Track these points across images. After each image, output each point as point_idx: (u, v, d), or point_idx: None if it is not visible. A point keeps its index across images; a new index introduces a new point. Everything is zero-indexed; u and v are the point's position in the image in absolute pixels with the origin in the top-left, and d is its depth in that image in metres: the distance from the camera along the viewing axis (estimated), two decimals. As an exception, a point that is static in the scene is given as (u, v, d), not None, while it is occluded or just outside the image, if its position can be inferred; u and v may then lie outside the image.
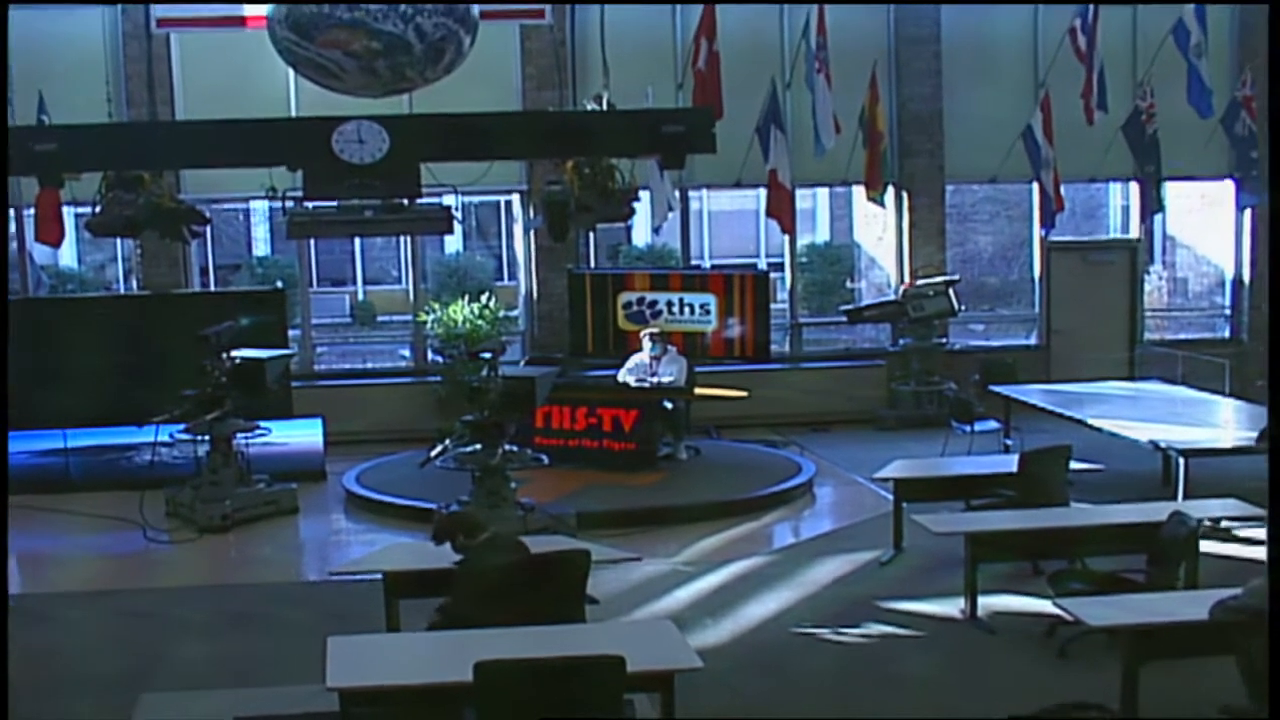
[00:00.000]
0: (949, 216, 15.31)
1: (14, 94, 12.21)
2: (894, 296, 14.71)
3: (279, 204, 9.54)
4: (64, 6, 13.26)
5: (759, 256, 21.49)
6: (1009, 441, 11.93)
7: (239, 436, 10.75)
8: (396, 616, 7.04)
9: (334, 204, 9.44)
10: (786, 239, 14.97)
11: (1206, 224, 16.53)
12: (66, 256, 19.75)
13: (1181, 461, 9.45)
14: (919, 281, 14.44)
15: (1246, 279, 15.43)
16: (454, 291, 16.26)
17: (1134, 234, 15.67)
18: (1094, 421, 10.68)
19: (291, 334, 13.53)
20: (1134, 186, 15.12)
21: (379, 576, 7.17)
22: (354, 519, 10.86)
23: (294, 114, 13.11)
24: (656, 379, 12.05)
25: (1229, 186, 15.00)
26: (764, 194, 14.21)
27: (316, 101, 11.12)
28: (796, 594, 8.52)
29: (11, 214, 13.44)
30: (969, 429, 12.19)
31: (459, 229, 16.63)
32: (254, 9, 12.08)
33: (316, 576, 9.37)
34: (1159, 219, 15.84)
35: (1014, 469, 9.04)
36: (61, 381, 11.72)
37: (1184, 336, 15.65)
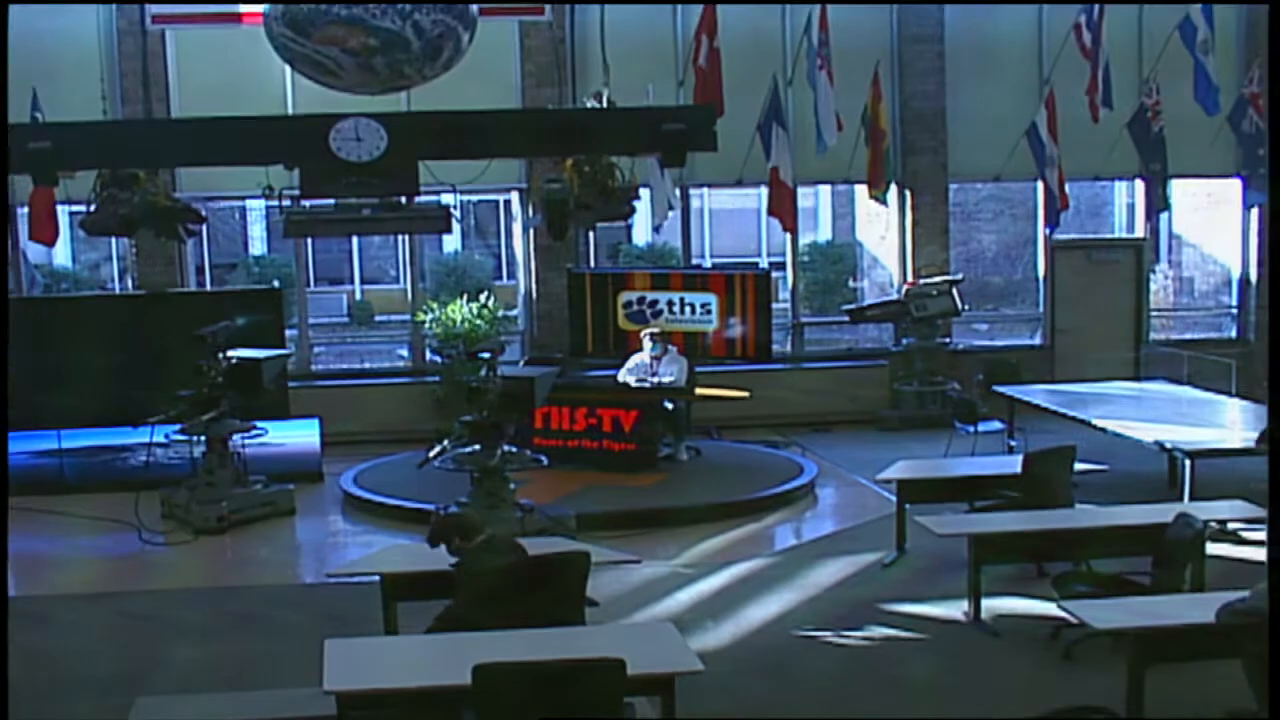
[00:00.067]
0: (952, 215, 15.27)
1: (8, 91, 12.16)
2: (897, 296, 14.68)
3: (276, 202, 9.48)
4: (58, 4, 13.17)
5: (760, 255, 21.50)
6: (1013, 442, 11.91)
7: (235, 437, 10.71)
8: (394, 619, 7.02)
9: (331, 202, 9.40)
10: (788, 238, 14.95)
11: (1213, 222, 16.50)
12: (61, 255, 19.75)
13: (1187, 462, 9.45)
14: (922, 281, 14.42)
15: (1253, 278, 15.38)
16: (452, 291, 16.29)
17: (1139, 233, 15.64)
18: (1099, 422, 10.65)
19: (288, 334, 13.55)
20: (1139, 184, 15.13)
21: (377, 578, 7.15)
22: (351, 520, 10.84)
23: (291, 111, 13.07)
24: (657, 379, 12.03)
25: (1236, 184, 15.00)
26: (765, 192, 14.20)
27: (314, 99, 11.09)
28: (798, 596, 8.51)
29: (5, 213, 13.40)
30: (972, 430, 12.26)
31: (457, 228, 16.59)
32: (250, 5, 12.04)
33: (313, 578, 9.38)
34: (1165, 217, 15.79)
35: (1018, 470, 9.03)
36: (56, 382, 11.70)
37: (1190, 336, 15.64)
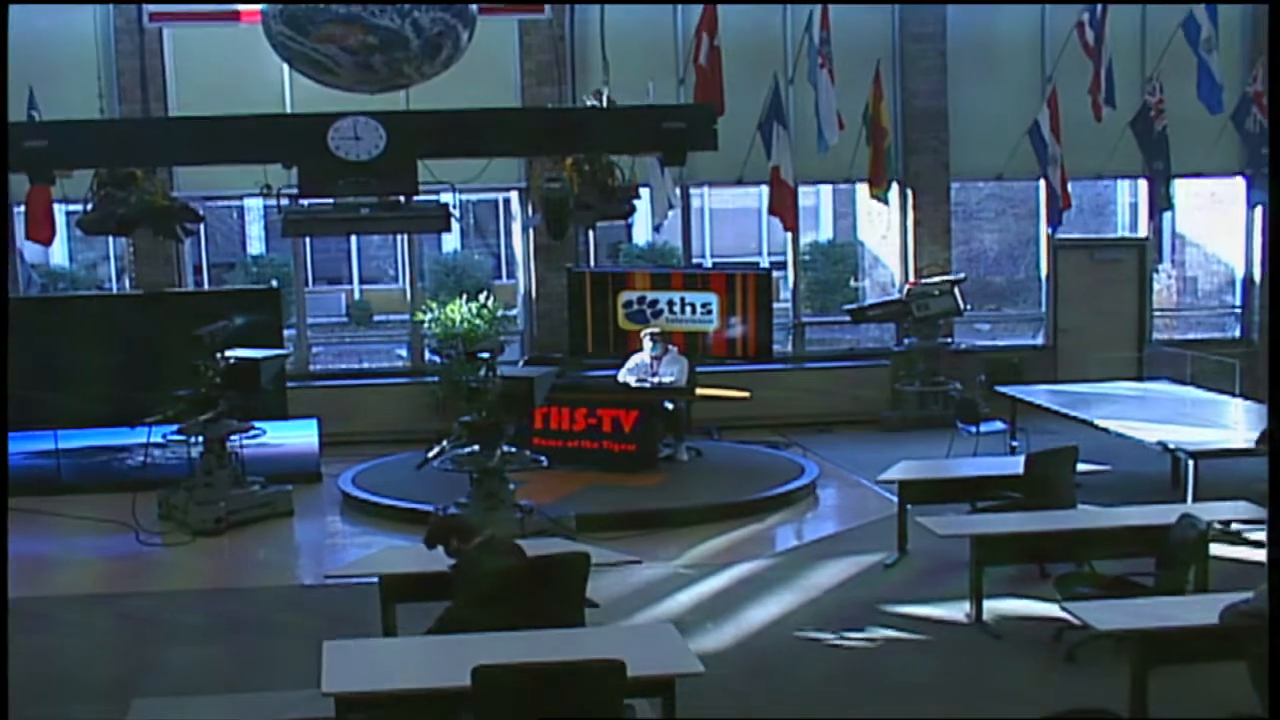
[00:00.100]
0: (954, 214, 15.24)
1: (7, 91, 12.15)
2: (898, 295, 14.65)
3: (274, 201, 9.48)
4: (55, 3, 13.15)
5: (761, 255, 21.50)
6: (1015, 443, 11.88)
7: (233, 438, 10.69)
8: (393, 620, 7.00)
9: (330, 201, 9.38)
10: (789, 237, 14.92)
11: (1216, 222, 16.48)
12: (58, 255, 19.74)
13: (1191, 463, 9.43)
14: (924, 280, 14.39)
15: (1257, 277, 15.34)
16: (451, 290, 16.29)
17: (1143, 232, 15.58)
18: (1101, 422, 10.63)
19: (287, 333, 13.53)
20: (1142, 184, 15.09)
21: (375, 580, 7.12)
22: (350, 521, 10.81)
23: (289, 110, 13.01)
24: (657, 379, 12.01)
25: (1240, 183, 14.98)
26: (766, 191, 14.18)
27: (312, 97, 11.04)
28: (799, 598, 8.49)
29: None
30: (974, 430, 12.21)
31: (456, 227, 16.57)
32: (248, 4, 12.04)
33: (312, 580, 9.34)
34: (1168, 216, 15.79)
35: (1020, 470, 9.02)
36: (53, 382, 11.65)
37: (1193, 336, 15.63)
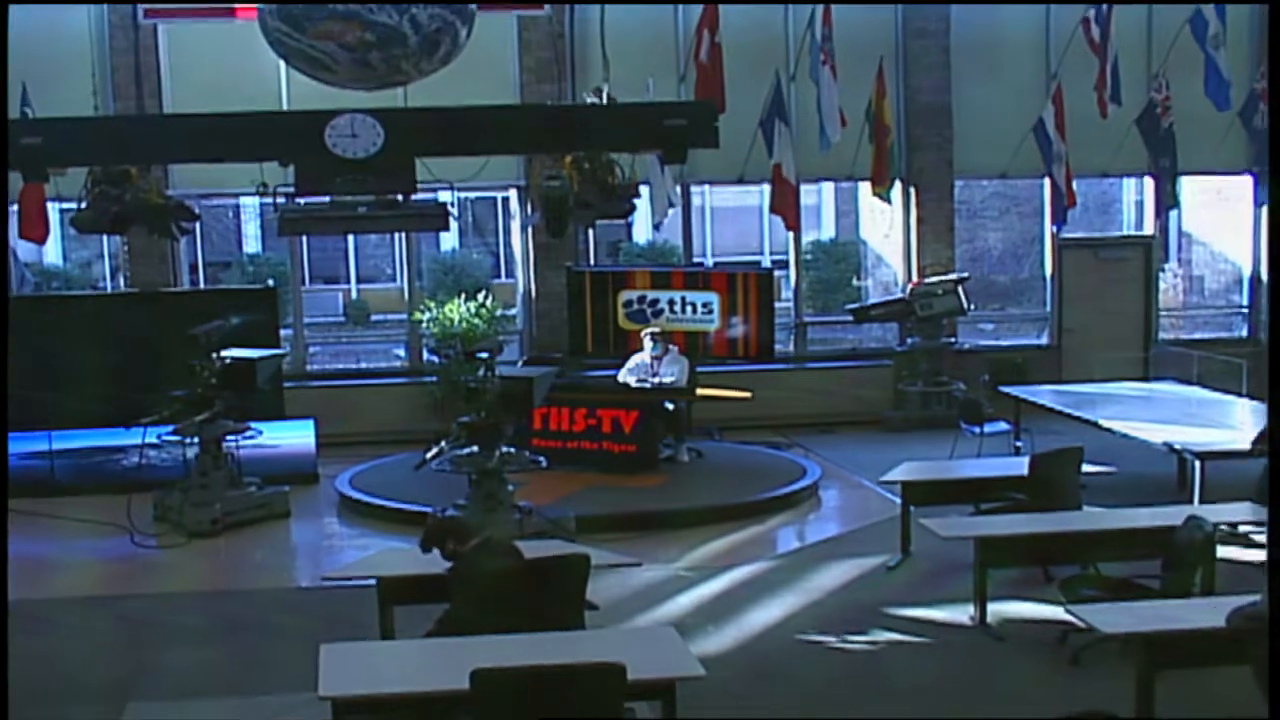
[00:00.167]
0: (958, 213, 15.21)
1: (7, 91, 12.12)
2: (901, 295, 14.62)
3: (270, 200, 9.44)
4: (51, 2, 13.10)
5: (763, 254, 21.53)
6: (1019, 443, 11.89)
7: (229, 438, 10.66)
8: (391, 623, 6.98)
9: (327, 200, 9.34)
10: (791, 236, 14.92)
11: (1223, 220, 16.46)
12: (51, 254, 19.87)
13: (1197, 464, 9.40)
14: (927, 279, 14.37)
15: (1265, 276, 15.26)
16: (450, 290, 16.35)
17: (1148, 230, 15.56)
18: (1107, 423, 10.61)
19: (283, 333, 13.52)
20: (1148, 181, 15.08)
21: (373, 582, 7.11)
22: (347, 523, 10.79)
23: (285, 107, 13.01)
24: (658, 379, 11.98)
25: (1247, 181, 14.98)
26: (768, 189, 14.17)
27: (309, 94, 10.98)
28: (801, 600, 8.47)
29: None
30: (978, 431, 12.18)
31: (455, 225, 16.59)
32: (244, 0, 11.95)
33: (309, 582, 9.29)
34: (1174, 215, 15.71)
35: (1024, 472, 9.00)
36: (47, 382, 11.63)
37: (1200, 336, 15.60)
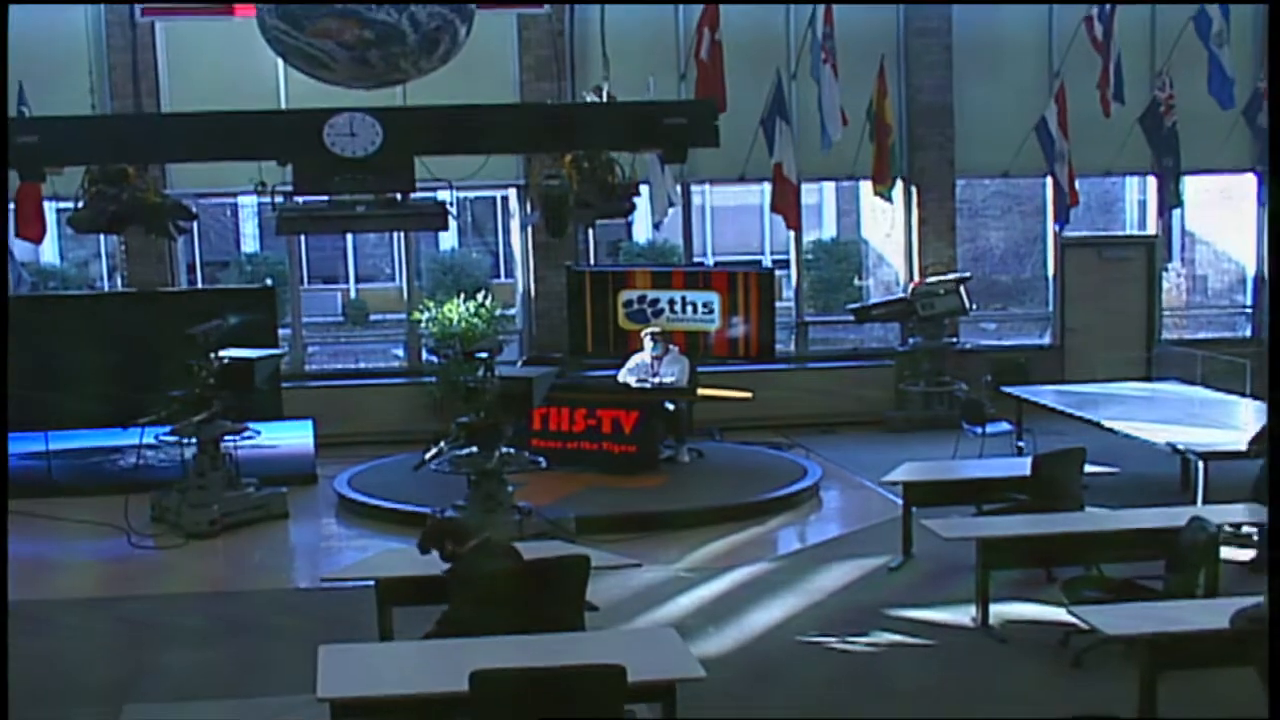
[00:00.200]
0: (959, 212, 15.18)
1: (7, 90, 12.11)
2: (903, 294, 14.59)
3: (268, 199, 9.42)
4: (48, 2, 13.07)
5: (763, 253, 21.52)
6: (1021, 444, 11.89)
7: (227, 439, 10.64)
8: (390, 624, 6.98)
9: (325, 199, 9.32)
10: (792, 235, 14.89)
11: (1227, 219, 16.44)
12: (48, 253, 19.90)
13: (1201, 465, 9.37)
14: (929, 279, 14.34)
15: (1269, 275, 15.17)
16: (449, 289, 16.38)
17: (1151, 229, 15.53)
18: (1110, 423, 10.58)
19: (282, 333, 13.49)
20: (1151, 180, 15.07)
21: (372, 583, 7.11)
22: (346, 524, 10.77)
23: (284, 106, 12.98)
24: (658, 379, 11.95)
25: (1251, 180, 14.96)
26: (768, 188, 14.15)
27: (307, 93, 10.98)
28: (802, 601, 8.45)
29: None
30: (980, 431, 12.18)
31: (454, 225, 16.55)
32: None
33: (307, 583, 9.28)
34: (1177, 214, 15.73)
35: (1027, 472, 8.97)
36: (44, 381, 11.59)
37: (1203, 336, 15.59)
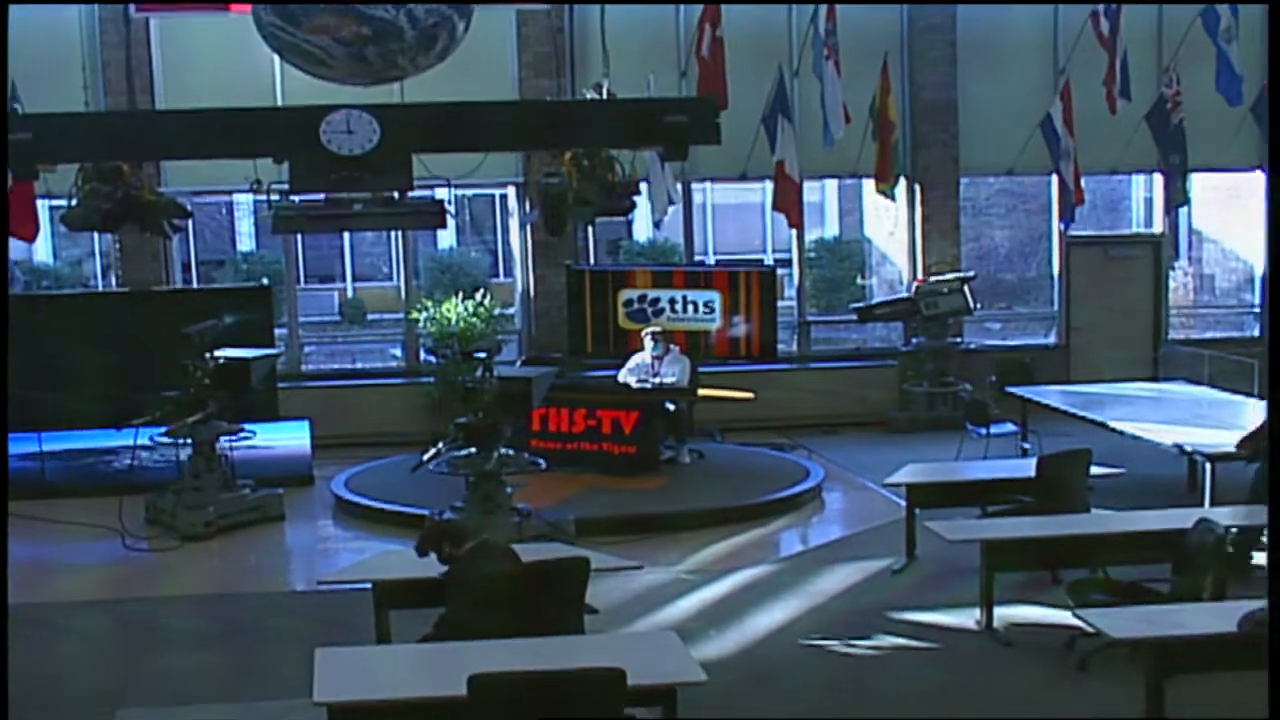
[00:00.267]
0: (963, 210, 15.21)
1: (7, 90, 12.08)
2: (906, 294, 14.61)
3: (264, 197, 9.39)
4: (45, 2, 13.05)
5: (765, 252, 21.49)
6: (1026, 445, 11.85)
7: (223, 440, 10.63)
8: (387, 627, 6.96)
9: (322, 197, 9.30)
10: (794, 233, 14.86)
11: (1235, 217, 16.41)
12: (41, 252, 19.89)
13: (1208, 466, 9.30)
14: (932, 278, 14.32)
15: (1268, 274, 15.12)
16: (447, 288, 16.41)
17: (1158, 228, 15.52)
18: (1116, 424, 10.54)
19: (278, 333, 13.43)
20: (1158, 178, 15.03)
21: (369, 586, 7.09)
22: (343, 526, 10.76)
23: (280, 103, 12.95)
24: (658, 379, 11.93)
25: (1259, 178, 14.96)
26: (770, 187, 14.14)
27: (304, 90, 10.97)
28: (804, 604, 8.43)
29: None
30: (984, 432, 12.17)
31: (452, 223, 16.46)
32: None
33: (304, 586, 9.28)
34: (1184, 212, 15.66)
35: (1032, 474, 8.94)
36: (37, 382, 11.51)
37: (1210, 335, 15.65)
